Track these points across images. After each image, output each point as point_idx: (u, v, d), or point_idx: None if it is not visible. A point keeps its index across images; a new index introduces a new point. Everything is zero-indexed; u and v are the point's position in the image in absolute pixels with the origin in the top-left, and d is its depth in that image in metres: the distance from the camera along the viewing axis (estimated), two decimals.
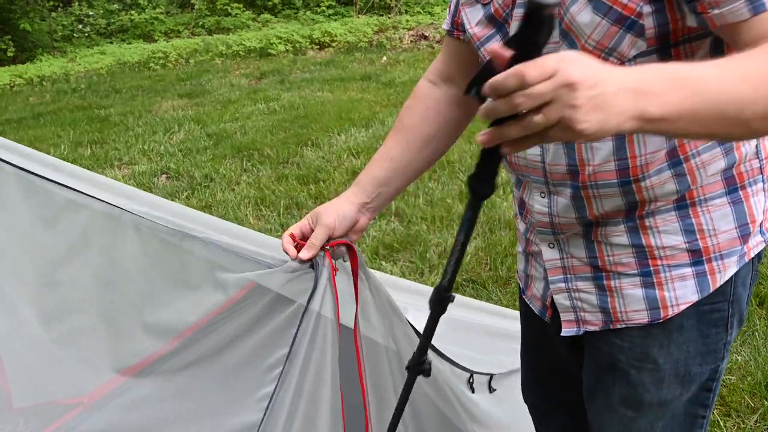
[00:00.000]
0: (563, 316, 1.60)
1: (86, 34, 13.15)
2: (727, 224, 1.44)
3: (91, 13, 13.49)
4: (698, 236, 1.44)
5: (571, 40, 1.33)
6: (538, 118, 1.01)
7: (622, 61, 1.30)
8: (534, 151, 1.48)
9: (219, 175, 5.82)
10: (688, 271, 1.45)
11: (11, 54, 11.73)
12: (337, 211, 1.67)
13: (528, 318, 1.78)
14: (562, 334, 1.60)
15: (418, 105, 1.76)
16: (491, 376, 2.21)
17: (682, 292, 1.46)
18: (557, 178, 1.47)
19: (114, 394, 1.52)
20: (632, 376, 1.52)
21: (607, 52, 1.30)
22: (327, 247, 1.61)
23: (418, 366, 1.49)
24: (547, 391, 1.85)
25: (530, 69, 1.00)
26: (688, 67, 1.09)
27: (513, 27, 1.42)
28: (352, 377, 1.65)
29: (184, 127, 7.35)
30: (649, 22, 1.26)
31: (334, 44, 11.22)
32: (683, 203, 1.43)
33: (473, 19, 1.51)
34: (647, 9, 1.25)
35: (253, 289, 1.58)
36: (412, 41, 11.02)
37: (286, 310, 1.56)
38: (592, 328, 1.56)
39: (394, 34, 11.38)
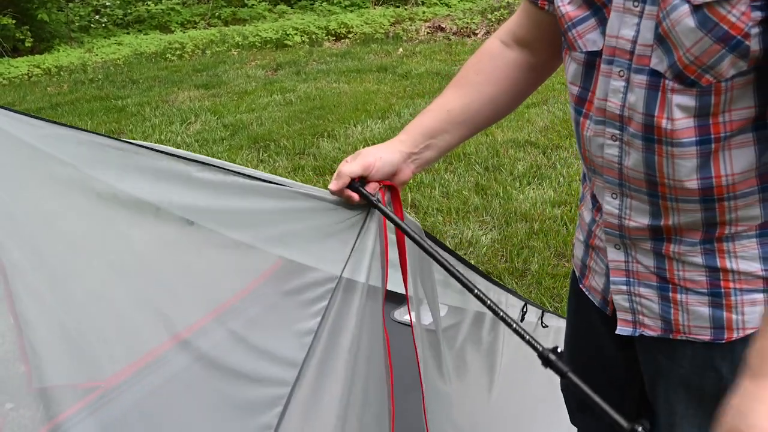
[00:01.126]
0: (620, 315, 1.54)
1: (103, 25, 13.19)
2: None
3: (108, 3, 13.53)
4: None
5: (667, 47, 1.25)
6: None
7: (719, 80, 1.22)
8: (612, 151, 1.40)
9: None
10: (760, 297, 1.39)
11: (29, 44, 11.78)
12: (379, 153, 1.57)
13: (577, 309, 1.74)
14: (617, 331, 1.55)
15: (487, 63, 1.65)
16: (543, 311, 2.20)
17: (750, 317, 1.40)
18: (634, 183, 1.40)
19: (135, 378, 1.53)
20: (693, 381, 1.49)
21: (704, 69, 1.22)
22: (381, 186, 1.54)
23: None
24: (586, 384, 1.82)
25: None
26: None
27: (613, 17, 1.33)
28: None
29: (200, 117, 7.37)
30: (755, 44, 1.18)
31: (350, 35, 11.20)
32: (766, 230, 1.36)
33: None
34: (755, 30, 1.17)
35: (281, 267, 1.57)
36: (428, 33, 10.98)
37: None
38: (649, 333, 1.52)
39: (411, 25, 11.35)
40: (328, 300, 1.52)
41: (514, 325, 1.37)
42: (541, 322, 2.21)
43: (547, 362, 1.32)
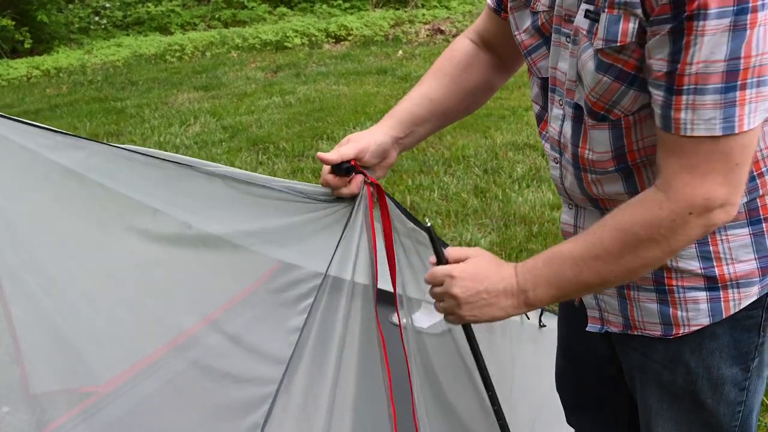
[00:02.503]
0: (589, 312, 1.61)
1: (103, 26, 13.18)
2: (747, 254, 1.42)
3: (107, 5, 13.52)
4: (715, 263, 1.42)
5: (582, 85, 1.34)
6: (438, 305, 1.48)
7: (627, 114, 1.31)
8: (555, 173, 1.52)
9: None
10: (702, 295, 1.44)
11: (28, 46, 11.77)
12: (372, 137, 1.62)
13: (568, 311, 1.78)
14: (587, 329, 1.62)
15: (461, 57, 1.72)
16: (542, 310, 2.21)
17: (694, 314, 1.45)
18: (578, 200, 1.51)
19: (133, 382, 1.52)
20: (664, 376, 1.53)
21: (610, 105, 1.30)
22: (366, 181, 1.55)
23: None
24: (580, 382, 1.85)
25: (427, 275, 1.48)
26: (557, 257, 1.36)
27: (552, 50, 1.42)
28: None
29: (199, 119, 7.37)
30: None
31: (350, 38, 11.20)
32: None
33: (521, 24, 1.50)
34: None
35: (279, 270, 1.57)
36: (428, 35, 10.98)
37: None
38: (614, 329, 1.58)
39: (410, 28, 11.35)
40: (314, 297, 1.51)
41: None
42: (540, 322, 2.21)
43: None
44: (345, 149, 1.57)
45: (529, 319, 2.16)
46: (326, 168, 1.57)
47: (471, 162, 5.54)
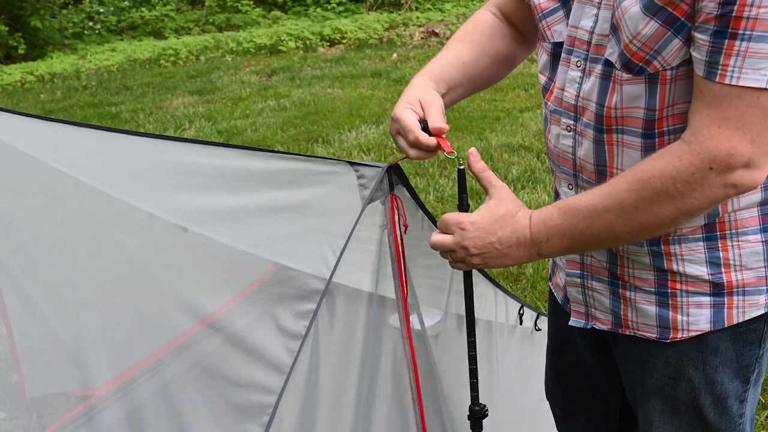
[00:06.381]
0: (574, 307, 1.59)
1: (97, 31, 13.17)
2: (757, 262, 1.39)
3: (101, 10, 13.51)
4: (723, 270, 1.39)
5: (618, 36, 1.29)
6: (449, 258, 1.43)
7: (665, 67, 1.26)
8: (566, 142, 1.45)
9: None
10: (706, 300, 1.41)
11: (22, 51, 11.75)
12: (431, 93, 1.50)
13: (555, 315, 1.76)
14: (569, 323, 1.59)
15: (486, 26, 1.65)
16: (538, 314, 2.20)
17: (695, 319, 1.42)
18: (586, 175, 1.44)
19: (129, 385, 1.52)
20: (666, 391, 1.50)
21: (651, 55, 1.25)
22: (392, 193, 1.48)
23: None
24: (569, 392, 1.83)
25: (436, 233, 1.42)
26: (572, 207, 1.32)
27: (575, 8, 1.37)
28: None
29: (194, 123, 7.36)
30: None
31: (344, 41, 11.20)
32: (713, 234, 1.38)
33: None
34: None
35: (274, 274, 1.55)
36: (422, 38, 10.98)
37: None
38: (600, 327, 1.55)
39: (405, 30, 11.35)
40: (316, 303, 1.46)
41: None
42: (536, 326, 2.21)
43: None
44: (438, 118, 1.46)
45: (522, 324, 2.16)
46: (416, 130, 1.44)
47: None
